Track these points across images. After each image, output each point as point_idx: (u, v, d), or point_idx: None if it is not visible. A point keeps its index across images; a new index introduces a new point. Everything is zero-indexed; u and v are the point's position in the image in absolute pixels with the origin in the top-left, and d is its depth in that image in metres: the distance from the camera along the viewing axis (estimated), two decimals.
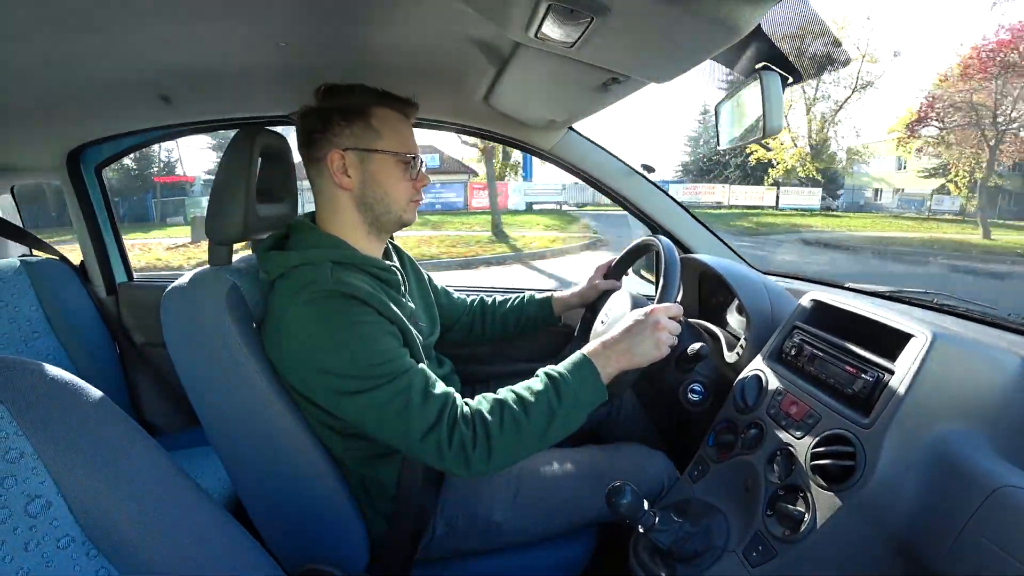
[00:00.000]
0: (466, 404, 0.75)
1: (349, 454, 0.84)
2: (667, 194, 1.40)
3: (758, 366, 0.94)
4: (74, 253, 1.57)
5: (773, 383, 0.89)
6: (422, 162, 0.88)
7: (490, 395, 0.77)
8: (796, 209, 19.16)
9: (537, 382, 0.77)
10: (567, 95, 1.03)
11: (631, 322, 0.82)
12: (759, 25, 0.67)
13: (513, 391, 0.77)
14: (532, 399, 0.75)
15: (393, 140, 0.84)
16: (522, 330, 1.23)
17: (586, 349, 0.81)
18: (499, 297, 1.26)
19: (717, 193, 20.18)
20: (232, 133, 0.92)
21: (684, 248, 1.40)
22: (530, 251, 9.62)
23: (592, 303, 1.20)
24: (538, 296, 1.23)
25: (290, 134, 1.06)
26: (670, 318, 0.82)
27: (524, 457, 0.76)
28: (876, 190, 22.05)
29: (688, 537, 0.77)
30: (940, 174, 17.47)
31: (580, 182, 1.43)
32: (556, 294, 1.22)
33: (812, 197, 19.84)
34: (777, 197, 19.56)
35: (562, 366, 0.79)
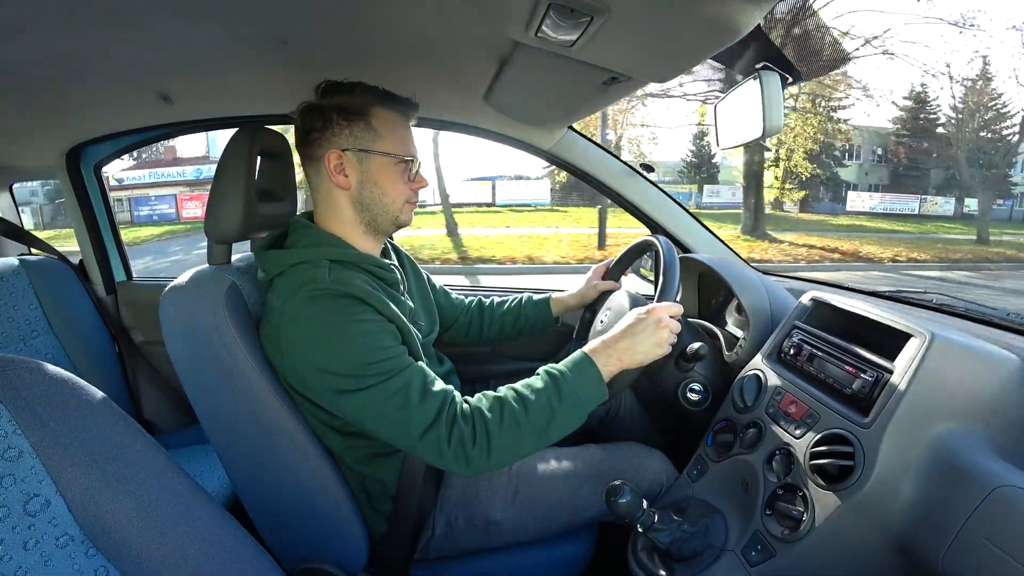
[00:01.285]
0: (465, 402, 0.75)
1: (349, 453, 0.84)
2: (667, 194, 1.40)
3: (757, 365, 0.95)
4: None
5: (772, 382, 0.89)
6: (419, 164, 0.88)
7: (490, 393, 0.77)
8: (508, 205, 18.18)
9: (538, 380, 0.77)
10: (567, 94, 1.03)
11: (632, 320, 0.82)
12: (759, 25, 0.67)
13: (513, 389, 0.77)
14: (532, 397, 0.74)
15: (393, 141, 0.84)
16: (520, 331, 1.23)
17: (587, 347, 0.80)
18: (497, 298, 1.26)
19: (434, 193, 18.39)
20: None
21: (683, 248, 1.40)
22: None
23: (591, 303, 1.20)
24: (536, 297, 1.23)
25: (289, 132, 1.06)
26: (670, 316, 0.82)
27: (524, 455, 0.76)
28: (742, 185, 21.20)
29: (687, 537, 0.77)
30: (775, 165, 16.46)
31: None
32: (555, 295, 1.22)
33: (539, 191, 19.00)
34: (493, 193, 18.67)
35: (563, 364, 0.79)
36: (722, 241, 1.40)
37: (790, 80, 0.90)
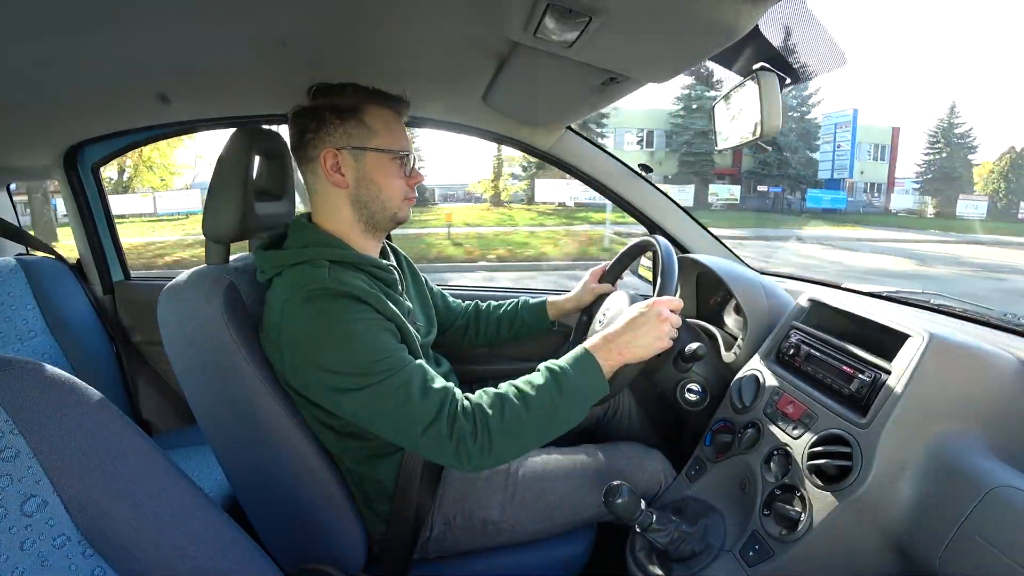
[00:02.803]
0: (466, 398, 0.75)
1: (347, 453, 0.84)
2: (665, 195, 1.41)
3: (755, 366, 0.95)
4: None
5: (770, 383, 0.89)
6: (415, 159, 0.88)
7: (490, 389, 0.77)
8: (171, 214, 16.13)
9: (538, 376, 0.77)
10: (565, 95, 1.03)
11: (634, 314, 0.82)
12: (757, 26, 0.67)
13: (514, 385, 0.77)
14: (533, 393, 0.75)
15: (387, 138, 0.84)
16: (515, 335, 1.23)
17: (588, 343, 0.81)
18: (493, 301, 1.26)
19: (140, 202, 16.25)
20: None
21: (681, 248, 1.40)
22: None
23: (587, 306, 1.20)
24: (532, 301, 1.23)
25: (287, 133, 1.05)
26: (671, 311, 0.83)
27: (526, 451, 0.76)
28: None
29: (685, 537, 0.77)
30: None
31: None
32: (551, 299, 1.22)
33: (189, 200, 16.36)
34: (154, 202, 16.23)
35: (563, 360, 0.79)
36: (721, 242, 1.41)
37: (788, 81, 0.90)
